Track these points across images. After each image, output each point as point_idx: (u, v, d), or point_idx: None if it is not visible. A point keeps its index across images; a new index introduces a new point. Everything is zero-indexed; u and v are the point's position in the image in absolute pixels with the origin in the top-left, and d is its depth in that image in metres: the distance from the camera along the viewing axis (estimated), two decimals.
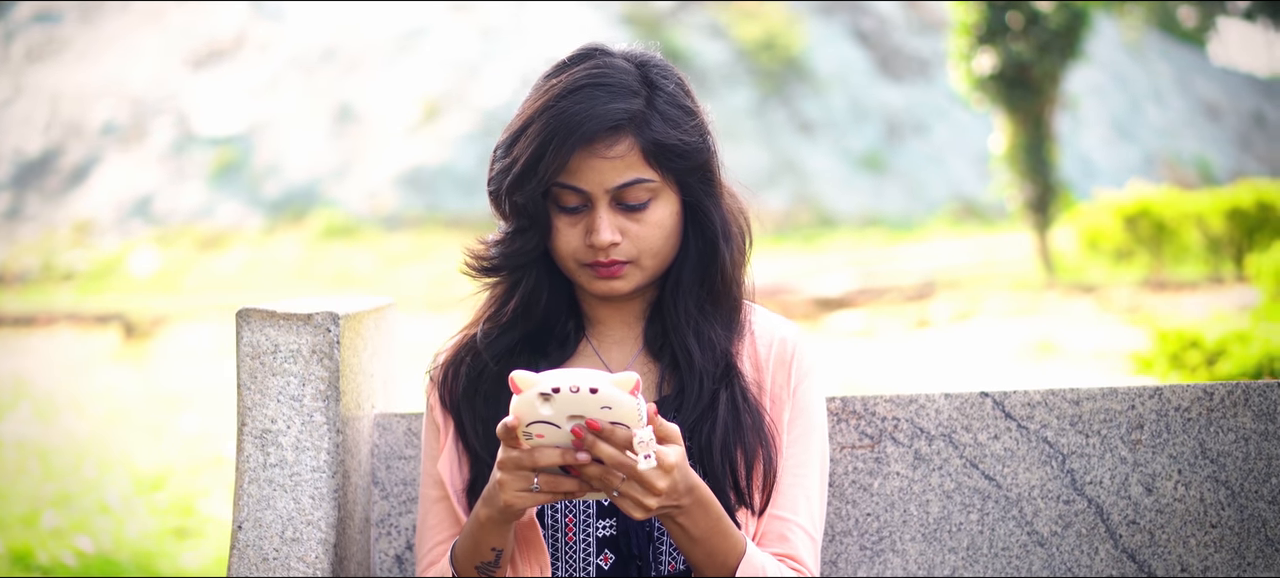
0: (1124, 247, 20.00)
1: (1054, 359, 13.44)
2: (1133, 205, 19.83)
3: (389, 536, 3.44)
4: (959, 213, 28.08)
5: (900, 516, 3.32)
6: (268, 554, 3.11)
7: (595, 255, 2.90)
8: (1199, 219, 19.54)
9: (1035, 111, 20.35)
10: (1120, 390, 3.28)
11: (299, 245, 24.62)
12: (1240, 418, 3.25)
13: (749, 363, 3.02)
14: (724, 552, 2.81)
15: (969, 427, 3.31)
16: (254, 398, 3.16)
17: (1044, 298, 17.66)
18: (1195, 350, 8.77)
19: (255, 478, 3.14)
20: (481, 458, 2.97)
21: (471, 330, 3.08)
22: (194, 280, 22.90)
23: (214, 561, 8.29)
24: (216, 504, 9.52)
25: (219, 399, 13.59)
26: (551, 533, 2.96)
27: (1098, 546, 3.27)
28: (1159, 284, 18.21)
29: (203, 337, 18.18)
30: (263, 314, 3.16)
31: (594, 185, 2.87)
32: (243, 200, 26.17)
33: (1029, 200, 20.53)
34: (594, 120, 2.84)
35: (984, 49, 20.19)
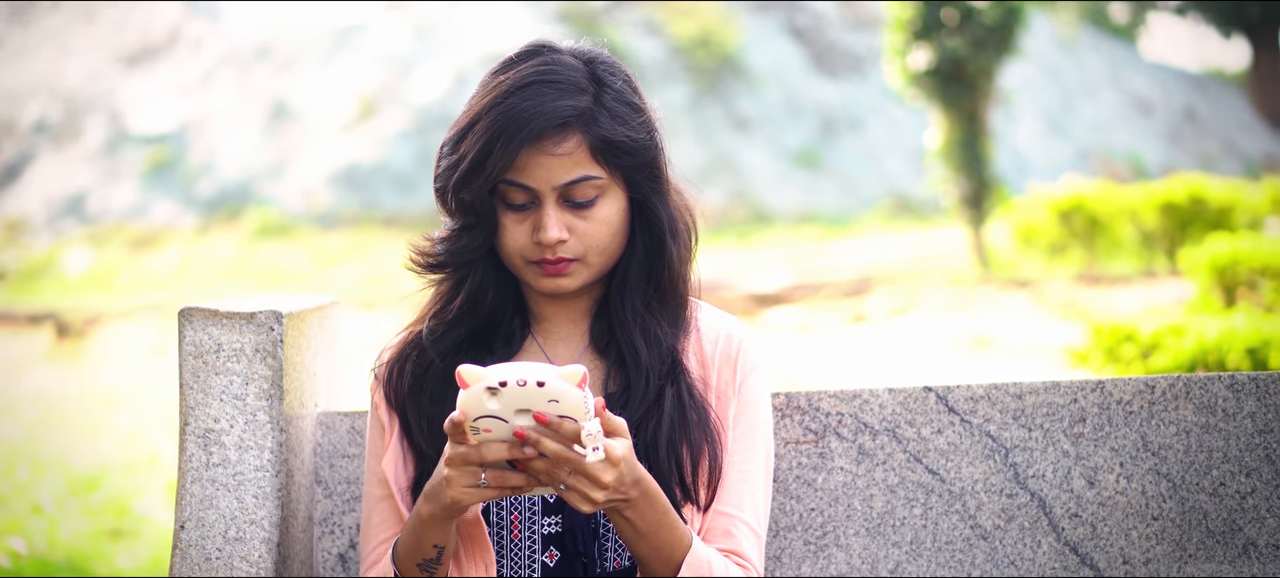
0: (1058, 241, 20.10)
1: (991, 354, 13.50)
2: (1067, 200, 19.93)
3: (332, 534, 3.43)
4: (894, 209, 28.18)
5: (844, 510, 3.33)
6: (210, 554, 3.10)
7: (542, 253, 2.90)
8: (1132, 213, 19.65)
9: (970, 107, 20.42)
10: (1063, 384, 3.29)
11: (233, 244, 24.52)
12: (1181, 411, 3.27)
13: (695, 360, 3.03)
14: (670, 546, 2.81)
15: (912, 421, 3.32)
16: (197, 397, 3.15)
17: (979, 293, 17.74)
18: (1130, 344, 8.81)
19: (198, 478, 3.12)
20: (427, 455, 2.97)
21: (417, 327, 3.07)
22: (127, 280, 22.78)
23: (150, 561, 8.24)
24: (152, 505, 9.46)
25: (154, 399, 13.51)
26: (496, 530, 2.95)
27: (1040, 539, 3.28)
28: (1093, 278, 18.31)
29: (137, 336, 18.08)
30: (205, 313, 3.14)
31: (541, 183, 2.87)
32: (176, 199, 26.04)
33: (964, 196, 20.60)
34: (542, 117, 2.84)
35: (919, 45, 20.24)
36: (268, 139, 27.26)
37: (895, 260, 21.19)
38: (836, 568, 3.32)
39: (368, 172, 26.35)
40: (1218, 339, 8.25)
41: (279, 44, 29.20)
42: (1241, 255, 11.77)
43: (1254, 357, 8.07)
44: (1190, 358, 8.28)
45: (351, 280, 22.01)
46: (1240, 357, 8.08)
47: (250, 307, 3.16)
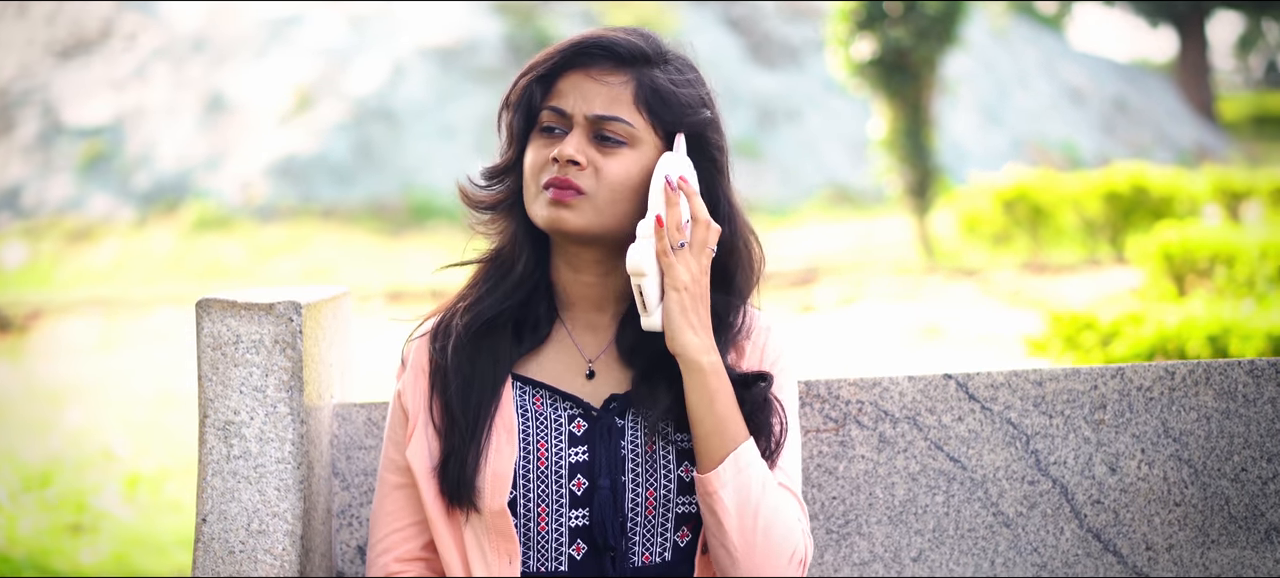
0: (1002, 230, 20.19)
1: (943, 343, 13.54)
2: (1010, 189, 20.02)
3: (350, 527, 3.40)
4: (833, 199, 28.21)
5: (866, 499, 3.33)
6: (233, 548, 3.07)
7: (554, 172, 2.91)
8: (1075, 202, 19.77)
9: (914, 97, 20.48)
10: (1083, 371, 3.30)
11: (172, 237, 24.33)
12: (1202, 397, 3.28)
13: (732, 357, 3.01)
14: (734, 429, 2.86)
15: (933, 409, 3.32)
16: (216, 389, 3.12)
17: (926, 282, 17.79)
18: (1090, 333, 8.86)
19: (219, 470, 3.10)
20: (458, 427, 2.95)
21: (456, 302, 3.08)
22: (65, 274, 22.59)
23: (112, 558, 8.19)
24: (109, 500, 9.40)
25: (101, 394, 13.42)
26: (523, 522, 2.94)
27: (1063, 525, 3.29)
28: (1039, 267, 18.40)
29: (79, 331, 17.94)
30: (223, 304, 3.12)
31: (576, 107, 2.91)
32: (113, 192, 25.81)
33: (908, 185, 20.65)
34: (599, 41, 2.92)
35: (863, 35, 20.27)
36: (204, 131, 27.08)
37: (839, 250, 21.23)
38: (859, 556, 3.32)
39: (305, 163, 26.21)
40: (1178, 328, 8.30)
41: (214, 36, 29.00)
42: (1192, 244, 11.85)
43: (1215, 344, 8.13)
44: (1150, 346, 8.33)
45: (290, 273, 21.88)
46: (1201, 344, 8.13)
47: (268, 298, 3.13)
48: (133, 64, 28.68)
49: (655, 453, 2.93)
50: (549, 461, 2.94)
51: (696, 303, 2.85)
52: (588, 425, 2.96)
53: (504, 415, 2.96)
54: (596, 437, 2.95)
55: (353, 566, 3.39)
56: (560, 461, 2.94)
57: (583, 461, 2.94)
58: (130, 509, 9.21)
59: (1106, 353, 8.58)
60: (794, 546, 2.86)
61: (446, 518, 2.96)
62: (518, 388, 3.00)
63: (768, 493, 2.84)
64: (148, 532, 8.69)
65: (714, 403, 2.84)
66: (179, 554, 8.26)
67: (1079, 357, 8.89)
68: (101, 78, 28.40)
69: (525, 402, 2.98)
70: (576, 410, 2.97)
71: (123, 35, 29.32)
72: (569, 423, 2.96)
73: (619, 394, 2.97)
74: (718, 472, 2.83)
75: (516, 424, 2.96)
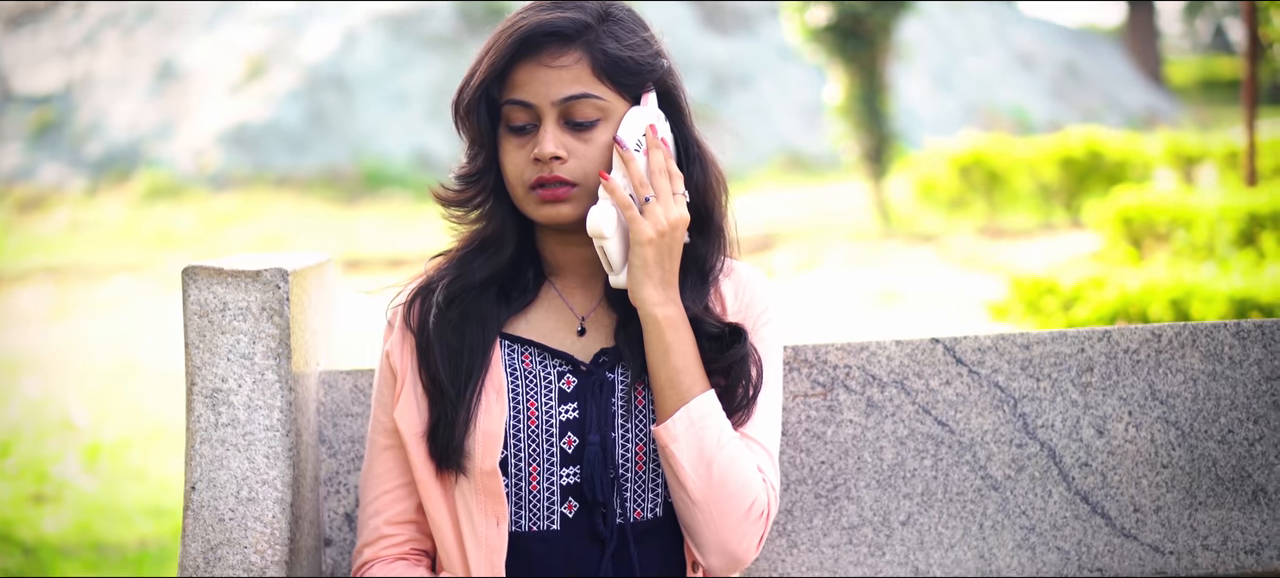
0: (958, 196, 20.25)
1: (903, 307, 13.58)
2: (966, 155, 20.08)
3: (338, 494, 3.39)
4: (787, 165, 28.23)
5: (854, 463, 3.33)
6: (223, 515, 3.06)
7: (539, 171, 2.90)
8: (1031, 167, 19.83)
9: (869, 63, 20.47)
10: (1070, 334, 3.31)
11: (123, 206, 24.21)
12: (1188, 359, 3.29)
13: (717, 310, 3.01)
14: (690, 380, 2.87)
15: (920, 373, 3.32)
16: (203, 357, 3.10)
17: (884, 247, 17.84)
18: (1052, 297, 8.88)
19: (207, 438, 3.08)
20: (445, 394, 2.95)
21: (441, 263, 3.07)
22: (16, 243, 22.44)
23: (75, 526, 8.17)
24: (70, 469, 9.37)
25: (59, 363, 13.36)
26: (514, 482, 2.94)
27: (1051, 488, 3.30)
28: (995, 232, 18.46)
29: (31, 300, 17.84)
30: (210, 272, 3.10)
31: (540, 97, 2.89)
32: (64, 161, 25.66)
33: (865, 151, 20.66)
34: (541, 26, 2.88)
35: (818, 0, 20.27)
36: (155, 99, 26.93)
37: (795, 217, 21.25)
38: (848, 520, 3.32)
39: (258, 131, 26.10)
40: (1139, 291, 8.33)
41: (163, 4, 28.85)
42: (1151, 208, 11.90)
43: (1177, 308, 8.15)
44: (1112, 310, 8.36)
45: (244, 241, 21.79)
46: (1163, 308, 8.16)
47: (255, 265, 3.11)
48: (82, 32, 28.51)
49: (643, 408, 2.94)
50: (540, 419, 2.94)
51: (664, 256, 2.86)
52: (577, 381, 2.96)
53: (493, 376, 2.96)
54: (587, 393, 2.95)
55: (340, 532, 3.38)
56: (550, 419, 2.94)
57: (573, 418, 2.94)
58: (92, 479, 9.18)
59: (1068, 317, 8.61)
60: (752, 498, 2.86)
61: (436, 480, 2.96)
62: (506, 347, 2.99)
63: (724, 447, 2.85)
64: (111, 501, 8.66)
65: (669, 355, 2.86)
66: (143, 524, 8.24)
67: (1041, 321, 8.92)
68: (51, 46, 28.23)
69: (514, 361, 2.98)
70: (566, 366, 2.97)
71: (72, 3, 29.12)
72: (559, 380, 2.96)
73: (608, 348, 2.97)
74: (669, 424, 2.85)
75: (506, 384, 2.96)
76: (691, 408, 2.85)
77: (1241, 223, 10.85)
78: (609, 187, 2.85)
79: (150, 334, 14.79)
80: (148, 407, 11.25)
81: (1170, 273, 8.71)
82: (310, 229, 22.50)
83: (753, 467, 2.88)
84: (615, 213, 2.86)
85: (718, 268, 3.01)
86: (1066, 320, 8.61)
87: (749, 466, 2.87)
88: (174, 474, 9.17)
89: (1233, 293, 7.98)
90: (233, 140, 25.87)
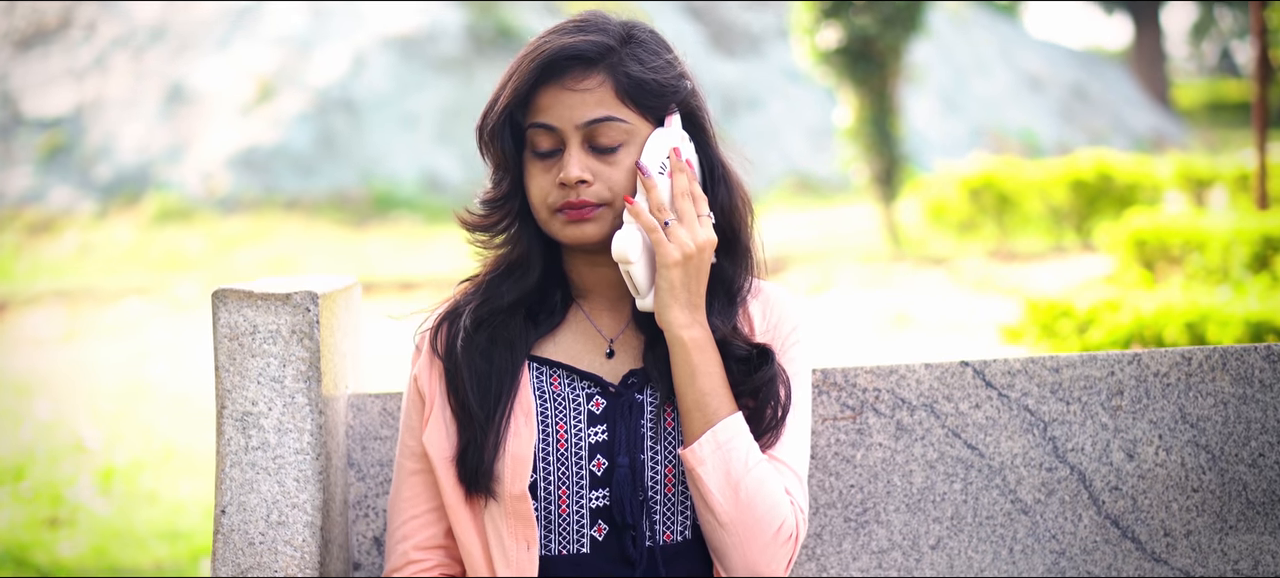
0: (968, 218, 20.24)
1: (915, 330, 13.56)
2: (976, 178, 20.08)
3: (366, 518, 3.39)
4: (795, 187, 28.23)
5: (883, 486, 3.32)
6: (253, 539, 3.05)
7: (565, 195, 2.90)
8: (1042, 190, 19.83)
9: (879, 86, 20.49)
10: (1099, 357, 3.30)
11: (133, 229, 24.21)
12: (1219, 383, 3.28)
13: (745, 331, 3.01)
14: (717, 402, 2.86)
15: (950, 396, 3.32)
16: (233, 380, 3.09)
17: (895, 270, 17.82)
18: (1067, 320, 8.87)
19: (237, 461, 3.07)
20: (474, 418, 2.94)
21: (467, 288, 3.07)
22: (26, 266, 22.44)
23: (91, 551, 8.15)
24: (85, 493, 9.35)
25: (70, 386, 13.35)
26: (544, 505, 2.94)
27: (1081, 512, 3.29)
28: (1006, 255, 18.44)
29: (42, 323, 17.83)
30: (240, 295, 3.09)
31: (564, 121, 2.89)
32: (74, 184, 25.67)
33: (875, 174, 20.67)
34: (564, 50, 2.88)
35: (828, 23, 20.26)
36: (165, 122, 26.95)
37: (805, 239, 21.23)
38: (877, 544, 3.32)
39: (267, 154, 26.11)
40: (1155, 315, 8.32)
41: (174, 25, 28.87)
42: (1165, 231, 11.89)
43: (1192, 331, 8.14)
44: (1127, 333, 8.35)
45: (253, 265, 21.78)
46: (1179, 331, 8.15)
47: (285, 288, 3.11)
48: (92, 54, 28.54)
49: (673, 430, 2.93)
50: (568, 442, 2.94)
51: (690, 278, 2.86)
52: (606, 403, 2.96)
53: (522, 399, 2.95)
54: (616, 414, 2.94)
55: (369, 557, 3.37)
56: (579, 441, 2.94)
57: (602, 440, 2.94)
58: (106, 502, 9.17)
59: (1083, 340, 8.60)
60: (780, 521, 2.85)
61: (465, 504, 2.95)
62: (535, 370, 2.99)
63: (752, 470, 2.84)
64: (125, 525, 8.65)
65: (695, 377, 2.85)
66: (158, 548, 8.23)
67: (1056, 344, 8.90)
68: (61, 68, 28.25)
69: (542, 384, 2.98)
70: (594, 388, 2.97)
71: (82, 25, 29.16)
72: (588, 402, 2.96)
73: (636, 370, 2.97)
74: (696, 447, 2.84)
75: (534, 407, 2.95)
76: (718, 431, 2.84)
77: (1255, 246, 10.84)
78: (634, 210, 2.85)
79: (160, 357, 14.79)
80: (159, 429, 11.25)
81: (1185, 296, 8.69)
82: (319, 252, 22.50)
83: (781, 489, 2.87)
84: (641, 237, 2.86)
85: (745, 289, 3.01)
86: (1082, 343, 8.60)
87: (777, 488, 2.86)
88: (188, 497, 9.16)
89: (1248, 316, 7.97)
90: (242, 163, 25.88)
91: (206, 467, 9.94)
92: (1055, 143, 33.61)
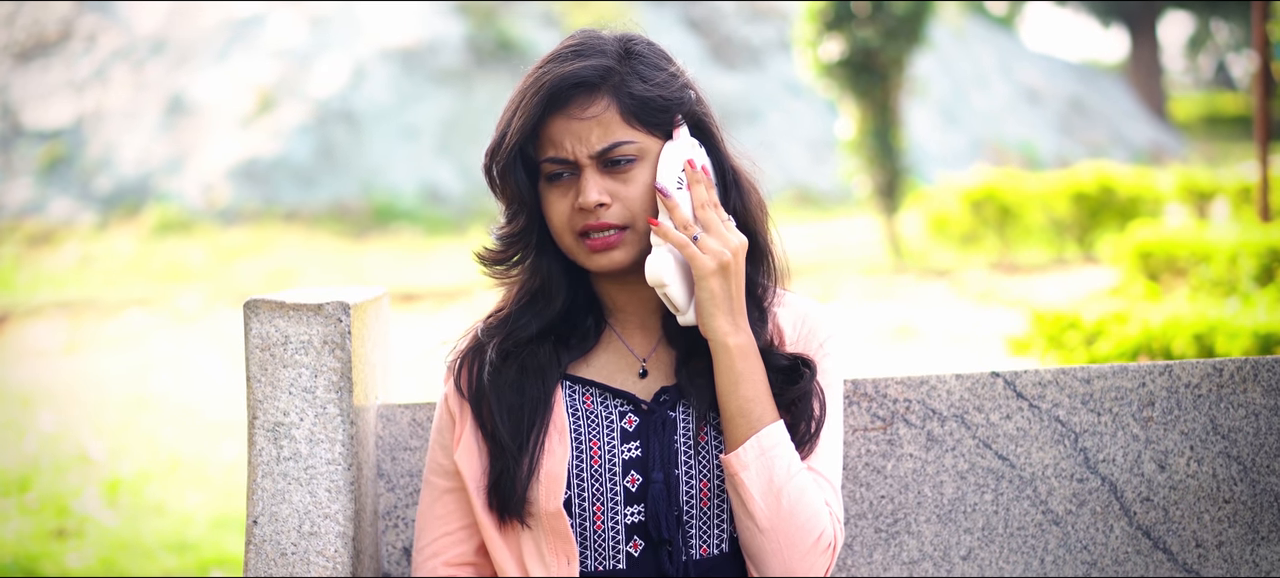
0: (970, 231, 20.25)
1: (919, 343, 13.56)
2: (978, 190, 20.09)
3: (396, 528, 3.38)
4: (796, 200, 28.24)
5: (914, 497, 3.32)
6: (286, 549, 3.05)
7: (585, 220, 2.89)
8: (1044, 202, 19.85)
9: (882, 98, 20.49)
10: (1130, 369, 3.30)
11: (133, 241, 24.19)
12: (1250, 394, 3.28)
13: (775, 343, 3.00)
14: (760, 409, 2.86)
15: (980, 407, 3.31)
16: (265, 390, 3.09)
17: (898, 282, 17.82)
18: (1074, 332, 8.86)
19: (269, 472, 3.07)
20: (503, 445, 2.94)
21: (491, 320, 3.05)
22: (27, 278, 22.41)
23: (98, 562, 8.14)
24: (91, 504, 9.34)
25: (73, 398, 13.34)
26: (579, 522, 2.93)
27: (1112, 523, 3.28)
28: (1009, 267, 18.46)
29: (44, 334, 17.82)
30: (271, 305, 3.09)
31: (577, 151, 2.88)
32: (74, 195, 25.65)
33: (878, 186, 20.67)
34: (565, 78, 2.87)
35: (831, 36, 20.27)
36: (165, 134, 26.94)
37: (806, 251, 21.22)
38: (908, 555, 3.31)
39: (267, 166, 26.10)
40: (1163, 327, 8.30)
41: (174, 37, 28.86)
42: (1172, 244, 11.89)
43: (1201, 343, 8.13)
44: (1135, 345, 8.33)
45: (254, 276, 21.76)
46: (1187, 343, 8.13)
47: (316, 299, 3.10)
48: (92, 66, 28.53)
49: (707, 444, 2.93)
50: (603, 458, 2.93)
51: (730, 284, 2.85)
52: (639, 420, 2.95)
53: (555, 418, 2.95)
54: (649, 431, 2.94)
55: (399, 567, 3.37)
56: (613, 458, 2.93)
57: (636, 456, 2.93)
58: (113, 514, 9.15)
59: (1090, 352, 8.59)
60: (820, 530, 2.85)
61: (500, 526, 2.95)
62: (567, 388, 2.99)
63: (794, 478, 2.84)
64: (133, 536, 8.63)
65: (739, 384, 2.84)
66: (166, 558, 8.22)
67: (1063, 356, 8.89)
68: (61, 80, 28.24)
69: (575, 402, 2.97)
70: (627, 406, 2.96)
71: (82, 37, 29.15)
72: (620, 419, 2.96)
73: (669, 387, 2.96)
74: (739, 453, 2.83)
75: (568, 424, 2.95)
76: (763, 437, 2.84)
77: (1262, 258, 10.84)
78: (661, 231, 2.84)
79: (164, 368, 14.78)
80: (165, 441, 11.24)
81: (1193, 308, 8.69)
82: (319, 264, 22.49)
83: (820, 499, 2.87)
84: (671, 257, 2.86)
85: (770, 292, 3.00)
86: (1088, 355, 8.58)
87: (817, 497, 2.86)
88: (194, 508, 9.16)
89: (1257, 328, 7.97)
90: (242, 175, 25.87)
91: (213, 478, 9.94)
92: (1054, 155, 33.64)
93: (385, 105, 27.50)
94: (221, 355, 15.18)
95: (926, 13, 20.60)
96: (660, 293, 2.86)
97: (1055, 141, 35.70)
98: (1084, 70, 44.49)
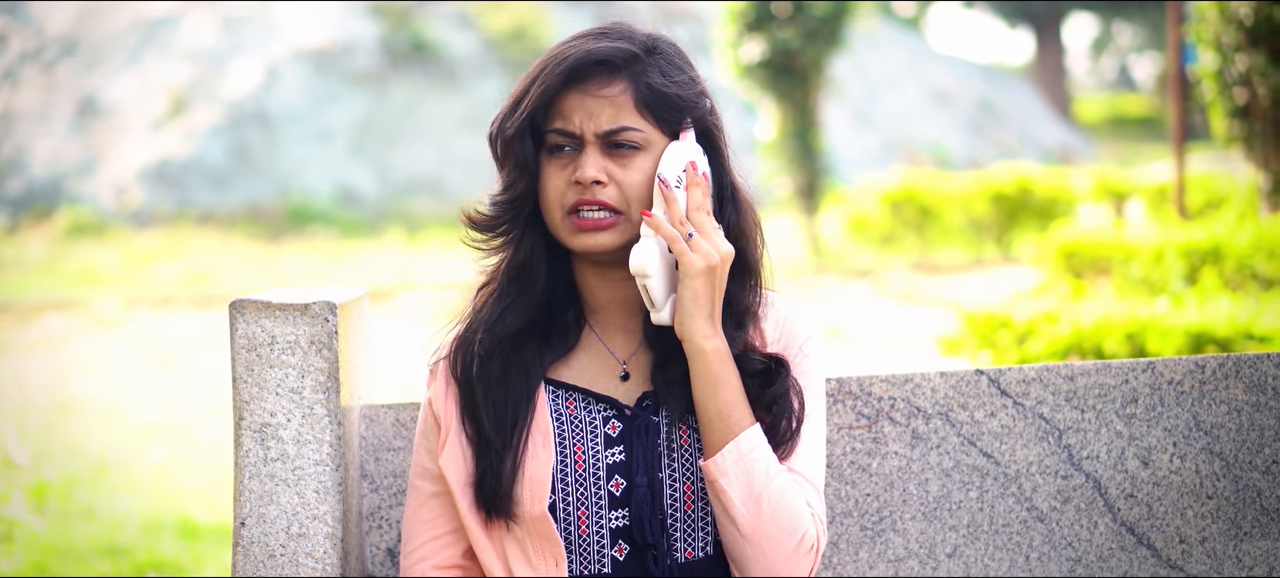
0: (890, 231, 20.36)
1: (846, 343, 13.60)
2: (897, 191, 20.21)
3: (380, 529, 3.36)
4: None
5: (900, 495, 3.33)
6: (274, 551, 3.03)
7: (579, 194, 2.89)
8: (962, 203, 19.99)
9: (801, 99, 20.56)
10: (1114, 366, 3.32)
11: (45, 244, 23.97)
12: (1232, 390, 3.30)
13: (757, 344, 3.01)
14: (737, 415, 2.86)
15: (965, 405, 3.32)
16: (251, 391, 3.06)
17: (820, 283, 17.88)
18: (1006, 331, 8.90)
19: (256, 473, 3.05)
20: (489, 443, 2.93)
21: (476, 314, 3.04)
22: None
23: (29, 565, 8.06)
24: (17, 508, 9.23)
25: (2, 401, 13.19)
26: (564, 526, 2.93)
27: (1096, 519, 3.30)
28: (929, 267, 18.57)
29: None
30: (258, 305, 3.07)
31: (584, 127, 2.90)
32: None
33: (798, 187, 20.74)
34: (590, 55, 2.89)
35: (752, 37, 20.32)
36: (77, 136, 26.70)
37: None
38: (894, 553, 3.32)
39: (181, 168, 25.92)
40: (1095, 326, 8.35)
41: (85, 38, 28.61)
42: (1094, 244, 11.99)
43: (1133, 342, 8.18)
44: (1067, 344, 8.38)
45: (169, 280, 21.59)
46: (1119, 342, 8.18)
47: (303, 298, 3.08)
48: (2, 68, 28.24)
49: (690, 447, 2.92)
50: (587, 463, 2.93)
51: (711, 289, 2.85)
52: (623, 425, 2.95)
53: (539, 421, 2.95)
54: (633, 436, 2.94)
55: (383, 568, 3.35)
56: (597, 462, 2.93)
57: (620, 461, 2.93)
58: (41, 519, 9.05)
59: (1022, 351, 8.63)
60: (802, 531, 2.86)
61: (486, 527, 2.94)
62: (551, 393, 2.98)
63: (773, 480, 2.84)
64: (64, 541, 8.54)
65: (717, 389, 2.85)
66: (100, 563, 8.14)
67: (996, 355, 8.94)
68: None
69: (559, 406, 2.97)
70: (611, 411, 2.96)
71: None
72: (604, 425, 2.95)
73: (651, 391, 2.96)
74: (718, 459, 2.84)
75: (552, 429, 2.94)
76: (741, 442, 2.84)
77: (1188, 258, 10.94)
78: (654, 223, 2.84)
79: (86, 372, 14.63)
80: (90, 445, 11.12)
81: (1123, 308, 8.74)
82: (235, 266, 22.33)
83: (802, 500, 2.87)
84: (658, 250, 2.86)
85: (754, 310, 3.00)
86: (1021, 354, 8.63)
87: (798, 499, 2.86)
88: (125, 513, 9.06)
89: (1189, 327, 8.03)
90: (155, 177, 25.68)
91: (143, 482, 9.85)
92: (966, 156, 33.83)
93: (299, 107, 27.36)
94: (144, 359, 15.04)
95: (846, 14, 20.68)
96: (640, 283, 2.86)
97: (966, 142, 35.91)
98: (991, 72, 44.77)
